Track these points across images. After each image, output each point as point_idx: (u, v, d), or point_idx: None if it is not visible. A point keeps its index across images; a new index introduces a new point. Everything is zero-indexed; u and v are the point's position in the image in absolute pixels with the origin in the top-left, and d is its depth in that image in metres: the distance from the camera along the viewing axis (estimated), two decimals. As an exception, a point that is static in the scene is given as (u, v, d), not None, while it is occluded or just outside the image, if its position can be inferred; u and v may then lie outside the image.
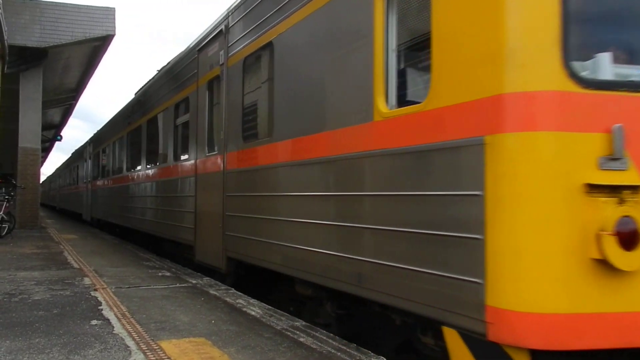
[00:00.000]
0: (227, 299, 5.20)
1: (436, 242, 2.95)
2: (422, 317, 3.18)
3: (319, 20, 4.24)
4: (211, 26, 6.99)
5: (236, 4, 6.06)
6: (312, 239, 4.23)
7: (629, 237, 2.48)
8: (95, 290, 5.60)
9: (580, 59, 2.72)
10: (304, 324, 4.25)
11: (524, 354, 2.56)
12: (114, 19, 15.18)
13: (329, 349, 3.48)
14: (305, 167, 4.41)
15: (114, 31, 15.12)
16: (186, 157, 7.82)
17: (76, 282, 6.08)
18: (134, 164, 11.63)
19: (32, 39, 14.39)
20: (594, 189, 2.53)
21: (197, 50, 7.39)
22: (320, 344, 3.60)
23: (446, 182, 2.92)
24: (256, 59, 5.65)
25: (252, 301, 5.14)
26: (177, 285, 6.06)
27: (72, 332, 3.87)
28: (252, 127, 5.68)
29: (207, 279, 6.54)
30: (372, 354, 3.40)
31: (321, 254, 4.07)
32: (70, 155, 28.09)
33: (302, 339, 3.73)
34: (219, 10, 24.64)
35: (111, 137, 14.76)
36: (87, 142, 20.43)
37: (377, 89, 3.50)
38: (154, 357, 3.29)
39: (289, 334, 3.89)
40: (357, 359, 3.29)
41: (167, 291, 5.65)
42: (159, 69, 10.15)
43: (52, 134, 31.40)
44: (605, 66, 2.72)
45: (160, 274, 6.91)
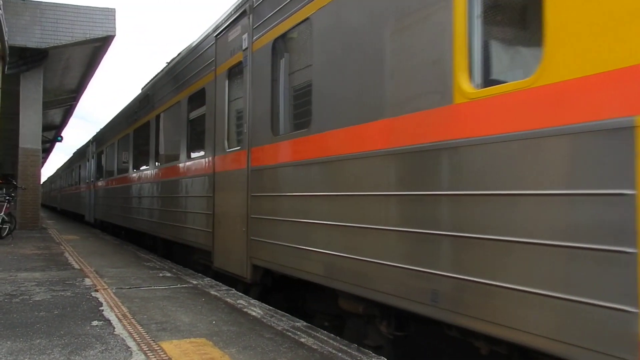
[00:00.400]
0: (228, 300, 5.20)
1: (561, 256, 2.34)
2: (527, 349, 2.60)
3: None
4: (232, 8, 6.23)
5: None
6: (366, 247, 3.62)
7: None
8: (96, 291, 5.60)
9: None
10: (305, 324, 4.24)
11: None
12: (114, 19, 15.20)
13: (330, 350, 3.48)
14: (354, 163, 3.78)
15: (114, 32, 15.14)
16: (202, 154, 7.11)
17: (77, 283, 6.09)
18: (141, 163, 11.01)
19: (33, 40, 14.41)
20: None
21: (215, 35, 6.65)
22: (321, 345, 3.60)
23: (574, 178, 2.31)
24: (289, 41, 5.01)
25: (252, 302, 5.13)
26: (178, 285, 6.06)
27: (73, 332, 3.87)
28: (284, 118, 5.02)
29: (208, 279, 6.53)
30: (373, 355, 3.40)
31: (382, 266, 3.45)
32: (71, 155, 27.61)
33: (303, 340, 3.73)
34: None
35: (116, 135, 14.17)
36: (89, 141, 19.82)
37: (458, 64, 2.90)
38: (155, 357, 3.29)
39: (289, 334, 3.89)
40: (358, 359, 3.29)
41: (168, 292, 5.65)
42: (169, 61, 9.47)
43: (52, 134, 31.43)
44: None
45: (161, 275, 6.91)
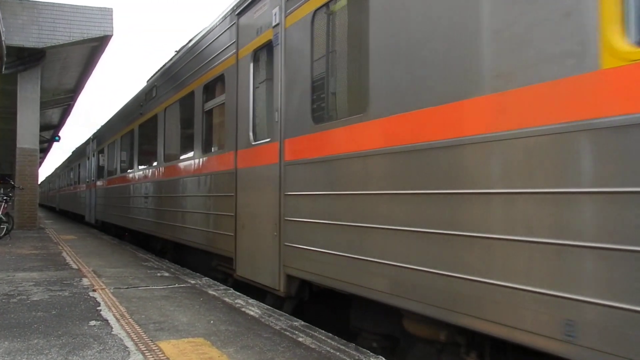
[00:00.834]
0: (226, 299, 5.20)
1: None
2: None
3: None
4: None
5: None
6: (461, 262, 2.86)
7: None
8: (94, 290, 5.59)
9: None
10: (303, 323, 4.24)
11: None
12: (112, 19, 15.20)
13: (328, 349, 3.48)
14: (438, 153, 3.03)
15: (112, 32, 15.14)
16: (221, 148, 6.45)
17: (75, 283, 6.08)
18: (148, 160, 10.33)
19: (30, 40, 14.39)
20: None
21: (237, 14, 5.97)
22: (319, 344, 3.60)
23: None
24: (335, 10, 4.26)
25: (250, 301, 5.13)
26: (176, 285, 6.06)
27: (70, 332, 3.86)
28: (329, 103, 4.31)
29: (206, 279, 6.53)
30: (372, 354, 3.40)
31: (489, 287, 2.68)
32: (70, 153, 26.96)
33: (300, 339, 3.73)
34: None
35: (118, 131, 13.48)
36: (89, 139, 19.07)
37: (606, 14, 2.19)
38: (153, 357, 3.28)
39: (287, 333, 3.89)
40: (356, 358, 3.29)
41: (166, 291, 5.65)
42: (178, 50, 8.76)
43: (50, 134, 31.38)
44: None
45: (159, 274, 6.90)
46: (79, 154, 22.52)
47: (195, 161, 7.32)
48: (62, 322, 4.17)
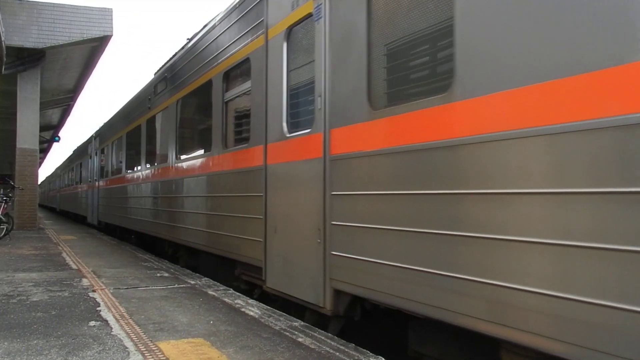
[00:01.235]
0: (226, 300, 5.20)
1: None
2: None
3: None
4: None
5: None
6: (583, 282, 2.17)
7: None
8: (93, 291, 5.59)
9: None
10: (302, 324, 4.24)
11: None
12: (111, 19, 15.22)
13: (327, 349, 3.48)
14: (565, 139, 2.29)
15: (112, 32, 15.16)
16: (245, 142, 5.72)
17: (74, 283, 6.08)
18: (157, 158, 9.57)
19: (30, 40, 14.41)
20: None
21: None
22: (318, 344, 3.60)
23: None
24: None
25: (250, 301, 5.13)
26: (176, 285, 6.06)
27: (70, 333, 3.86)
28: (395, 80, 3.54)
29: (206, 279, 6.52)
30: (371, 354, 3.40)
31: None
32: (71, 152, 26.44)
33: (300, 339, 3.73)
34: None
35: (124, 127, 12.73)
36: (91, 137, 18.42)
37: None
38: (152, 358, 3.28)
39: (287, 334, 3.89)
40: (356, 358, 3.29)
41: (166, 292, 5.65)
42: (190, 37, 8.12)
43: (50, 134, 31.40)
44: None
45: (158, 275, 6.90)
46: (81, 152, 22.09)
47: (214, 157, 6.62)
48: (61, 323, 4.17)
